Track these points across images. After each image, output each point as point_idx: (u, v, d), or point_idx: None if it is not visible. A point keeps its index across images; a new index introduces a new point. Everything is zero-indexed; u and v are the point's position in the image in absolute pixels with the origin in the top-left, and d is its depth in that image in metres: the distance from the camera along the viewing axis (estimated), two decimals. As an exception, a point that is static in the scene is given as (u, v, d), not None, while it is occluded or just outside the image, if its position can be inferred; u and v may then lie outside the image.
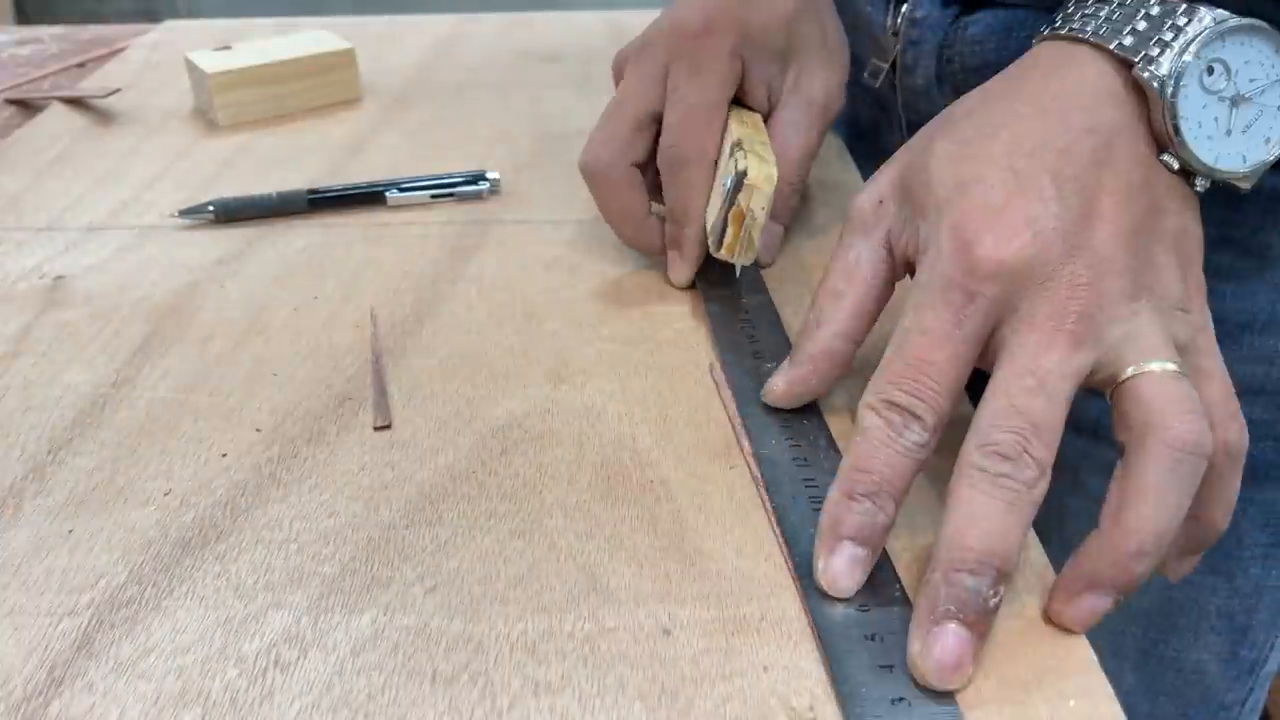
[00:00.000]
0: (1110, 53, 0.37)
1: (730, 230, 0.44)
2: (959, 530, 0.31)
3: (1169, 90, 0.35)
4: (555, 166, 0.63)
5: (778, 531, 0.36)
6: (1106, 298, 0.34)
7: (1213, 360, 0.36)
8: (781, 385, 0.40)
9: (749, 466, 0.38)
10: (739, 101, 0.50)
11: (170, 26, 0.92)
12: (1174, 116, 0.36)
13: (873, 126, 0.64)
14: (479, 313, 0.49)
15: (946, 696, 0.30)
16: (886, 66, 0.57)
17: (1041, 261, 0.34)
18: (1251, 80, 0.36)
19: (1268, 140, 0.37)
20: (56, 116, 0.72)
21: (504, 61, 0.80)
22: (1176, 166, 0.36)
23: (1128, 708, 0.30)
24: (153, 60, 0.83)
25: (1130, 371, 0.33)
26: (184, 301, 0.50)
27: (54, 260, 0.54)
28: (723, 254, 0.45)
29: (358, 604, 0.34)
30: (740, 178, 0.43)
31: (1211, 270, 0.37)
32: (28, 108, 0.75)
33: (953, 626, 0.30)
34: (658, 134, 0.49)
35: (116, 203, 0.60)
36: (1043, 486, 0.32)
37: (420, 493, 0.38)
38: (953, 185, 0.36)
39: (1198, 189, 0.37)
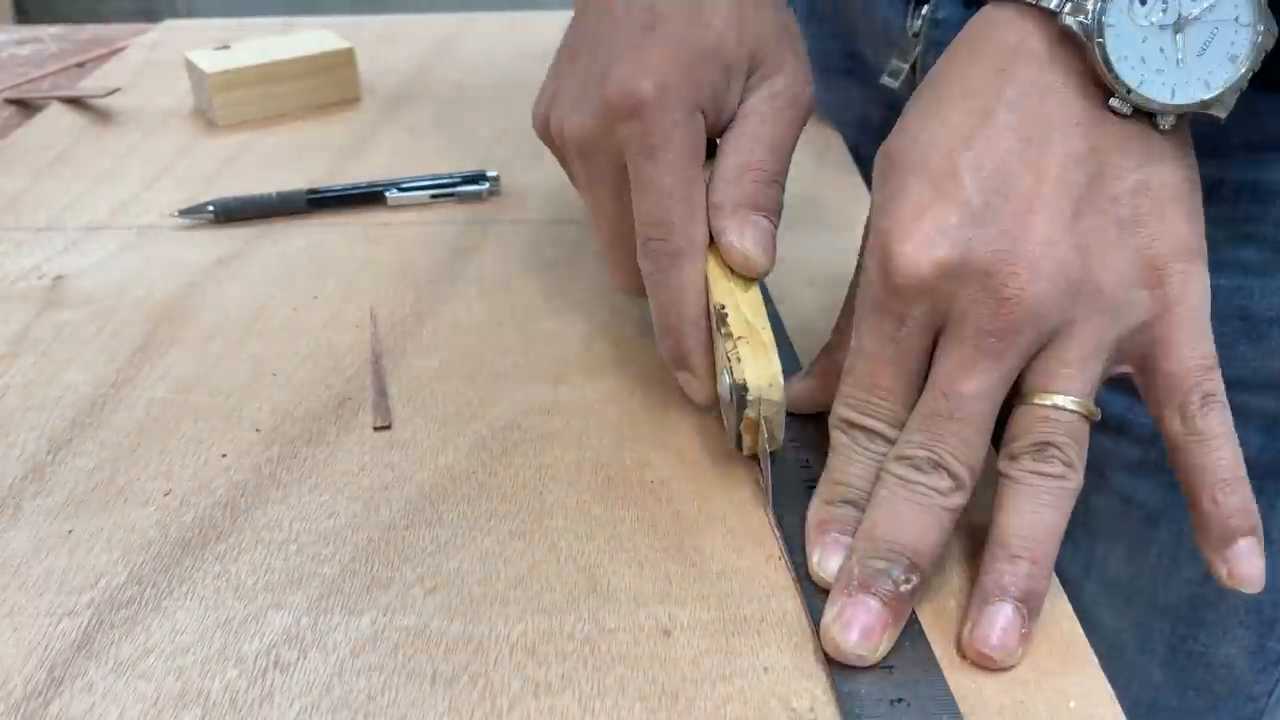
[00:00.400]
0: (1031, 7, 0.34)
1: (748, 438, 0.37)
2: (873, 524, 0.33)
3: (1094, 33, 0.33)
4: (555, 166, 0.63)
5: (779, 534, 0.36)
6: (1035, 306, 0.32)
7: (1172, 324, 0.34)
8: (798, 391, 0.40)
9: (761, 474, 0.38)
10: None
11: (170, 26, 0.92)
12: (1105, 58, 0.33)
13: (883, 128, 0.63)
14: (479, 313, 0.49)
15: (946, 697, 0.30)
16: (907, 68, 0.55)
17: (963, 273, 0.32)
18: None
19: (1233, 58, 0.34)
20: (56, 116, 0.72)
21: (504, 61, 0.80)
22: (1129, 111, 0.34)
23: (1156, 703, 0.30)
24: (152, 60, 0.83)
25: (1034, 400, 0.33)
26: (184, 301, 0.50)
27: (53, 260, 0.54)
28: (747, 455, 0.39)
29: (358, 605, 0.34)
30: (742, 392, 0.36)
31: (1239, 266, 0.36)
32: (27, 107, 0.75)
33: (864, 597, 0.31)
34: None
35: (116, 202, 0.60)
36: (960, 497, 0.33)
37: (420, 493, 0.38)
38: (882, 198, 0.35)
39: (1164, 128, 0.34)
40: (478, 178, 0.60)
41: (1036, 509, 0.33)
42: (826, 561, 0.34)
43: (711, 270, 0.39)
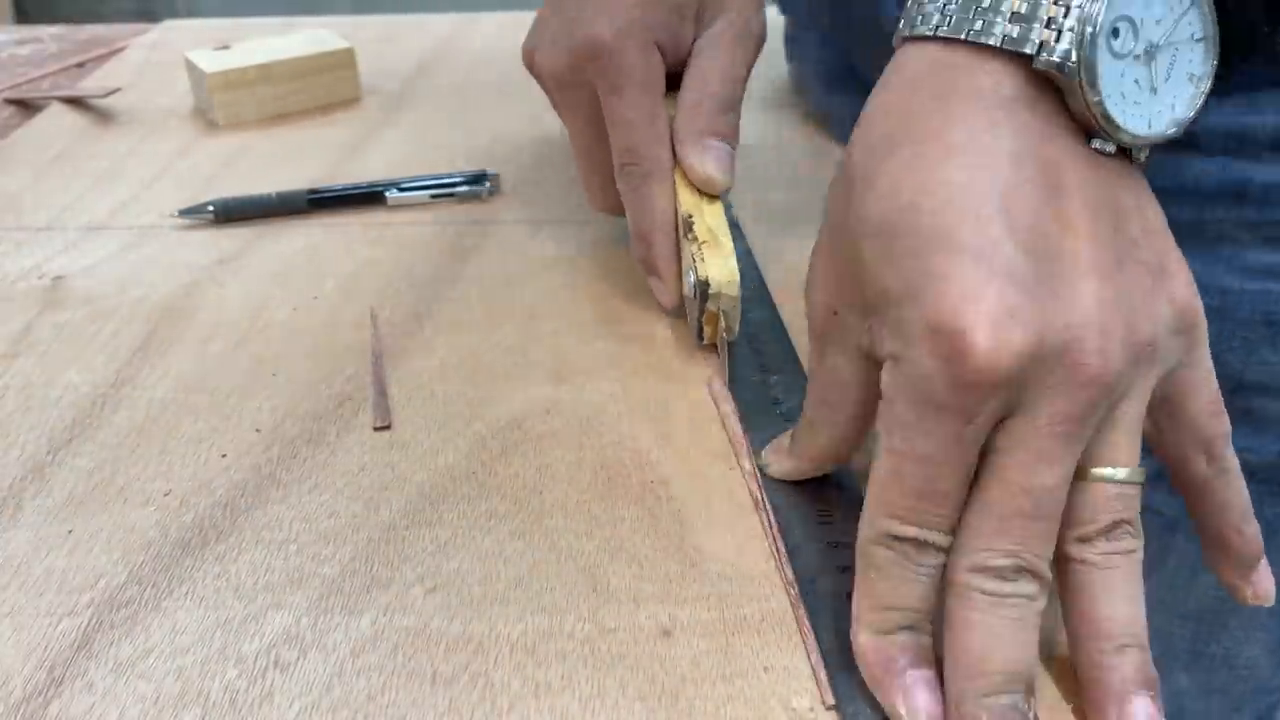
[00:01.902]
0: (995, 50, 0.30)
1: (708, 329, 0.43)
2: (975, 654, 0.29)
3: (1080, 72, 0.29)
4: (555, 166, 0.63)
5: (781, 551, 0.36)
6: (1113, 380, 0.29)
7: (1197, 364, 0.32)
8: (783, 469, 0.37)
9: (750, 486, 0.38)
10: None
11: (170, 26, 0.92)
12: (1097, 97, 0.30)
13: None
14: (479, 313, 0.49)
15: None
16: None
17: (1041, 357, 0.28)
18: (1158, 22, 0.31)
19: (1192, 77, 0.32)
20: (56, 116, 0.72)
21: (504, 61, 0.80)
22: (1113, 149, 0.31)
23: (1181, 709, 0.30)
24: (152, 60, 0.83)
25: (1100, 477, 0.30)
26: (184, 301, 0.50)
27: (53, 260, 0.54)
28: (707, 344, 0.45)
29: (357, 605, 0.34)
30: (704, 288, 0.42)
31: (1266, 270, 0.34)
32: (27, 108, 0.75)
33: None
34: None
35: (116, 203, 0.60)
36: (1045, 597, 0.30)
37: (420, 493, 0.38)
38: (903, 278, 0.30)
39: (1139, 160, 0.32)
40: (478, 178, 0.60)
41: (1126, 590, 0.30)
42: (915, 705, 0.29)
43: (680, 188, 0.45)
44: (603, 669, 0.31)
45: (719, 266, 0.42)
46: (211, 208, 0.57)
